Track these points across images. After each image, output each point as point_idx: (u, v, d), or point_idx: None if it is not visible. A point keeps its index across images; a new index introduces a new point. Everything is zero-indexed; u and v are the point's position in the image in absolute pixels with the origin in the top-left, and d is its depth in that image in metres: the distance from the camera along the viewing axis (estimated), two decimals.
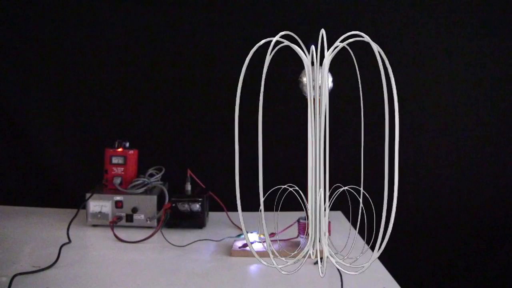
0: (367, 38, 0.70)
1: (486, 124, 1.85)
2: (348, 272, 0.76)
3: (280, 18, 1.83)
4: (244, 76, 0.76)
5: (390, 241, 0.70)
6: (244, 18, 1.82)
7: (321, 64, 0.74)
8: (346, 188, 0.79)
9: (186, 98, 1.86)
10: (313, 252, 0.76)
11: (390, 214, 0.68)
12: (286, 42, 0.74)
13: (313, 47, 0.74)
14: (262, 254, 0.82)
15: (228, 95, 0.86)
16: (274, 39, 0.72)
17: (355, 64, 0.82)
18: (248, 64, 0.73)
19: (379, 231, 0.70)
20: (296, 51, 0.75)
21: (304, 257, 0.76)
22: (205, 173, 1.58)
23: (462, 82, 1.85)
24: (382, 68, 0.67)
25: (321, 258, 0.76)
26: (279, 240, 1.31)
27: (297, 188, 0.78)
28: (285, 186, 0.79)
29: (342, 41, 0.74)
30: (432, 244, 1.88)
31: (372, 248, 0.73)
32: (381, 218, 0.75)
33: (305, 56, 0.75)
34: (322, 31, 0.73)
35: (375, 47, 0.68)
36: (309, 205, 0.74)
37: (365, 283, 1.07)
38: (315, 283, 1.08)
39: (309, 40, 0.76)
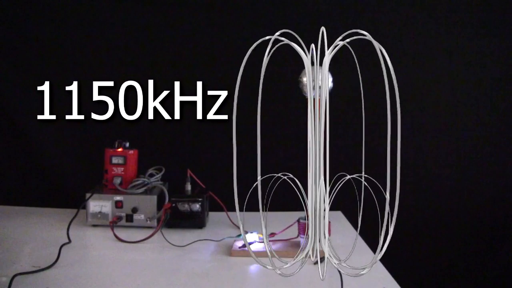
0: (369, 36, 0.68)
1: (486, 124, 1.85)
2: (349, 274, 0.75)
3: (280, 18, 1.83)
4: (244, 75, 0.76)
5: (390, 241, 0.70)
6: (244, 18, 1.82)
7: (321, 63, 0.72)
8: (352, 176, 0.77)
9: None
10: (313, 253, 0.75)
11: (392, 216, 0.66)
12: (286, 41, 0.72)
13: (313, 46, 0.72)
14: (261, 255, 0.81)
15: (228, 95, 0.86)
16: (273, 37, 0.70)
17: (356, 62, 0.80)
18: (248, 63, 0.72)
19: (381, 231, 0.69)
20: (296, 49, 0.73)
21: (304, 257, 0.75)
22: (205, 173, 1.58)
23: (462, 82, 1.85)
24: (384, 66, 0.65)
25: (321, 258, 0.75)
26: (271, 240, 1.31)
27: (291, 175, 0.75)
28: (279, 175, 0.76)
29: (342, 40, 0.72)
30: (432, 244, 1.88)
31: (374, 250, 0.72)
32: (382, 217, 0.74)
33: (305, 55, 0.73)
34: (322, 29, 0.71)
35: (377, 45, 0.67)
36: (309, 202, 0.73)
37: (365, 283, 1.06)
38: (315, 283, 1.08)
39: (309, 40, 0.75)
